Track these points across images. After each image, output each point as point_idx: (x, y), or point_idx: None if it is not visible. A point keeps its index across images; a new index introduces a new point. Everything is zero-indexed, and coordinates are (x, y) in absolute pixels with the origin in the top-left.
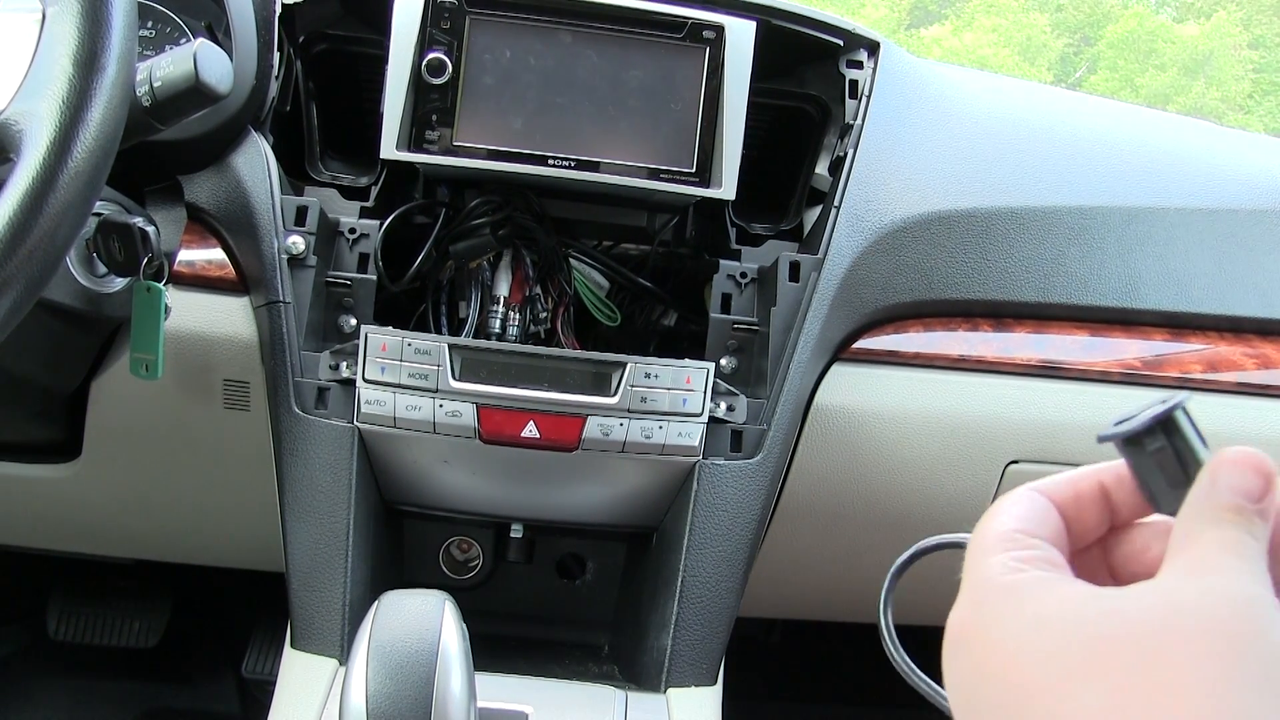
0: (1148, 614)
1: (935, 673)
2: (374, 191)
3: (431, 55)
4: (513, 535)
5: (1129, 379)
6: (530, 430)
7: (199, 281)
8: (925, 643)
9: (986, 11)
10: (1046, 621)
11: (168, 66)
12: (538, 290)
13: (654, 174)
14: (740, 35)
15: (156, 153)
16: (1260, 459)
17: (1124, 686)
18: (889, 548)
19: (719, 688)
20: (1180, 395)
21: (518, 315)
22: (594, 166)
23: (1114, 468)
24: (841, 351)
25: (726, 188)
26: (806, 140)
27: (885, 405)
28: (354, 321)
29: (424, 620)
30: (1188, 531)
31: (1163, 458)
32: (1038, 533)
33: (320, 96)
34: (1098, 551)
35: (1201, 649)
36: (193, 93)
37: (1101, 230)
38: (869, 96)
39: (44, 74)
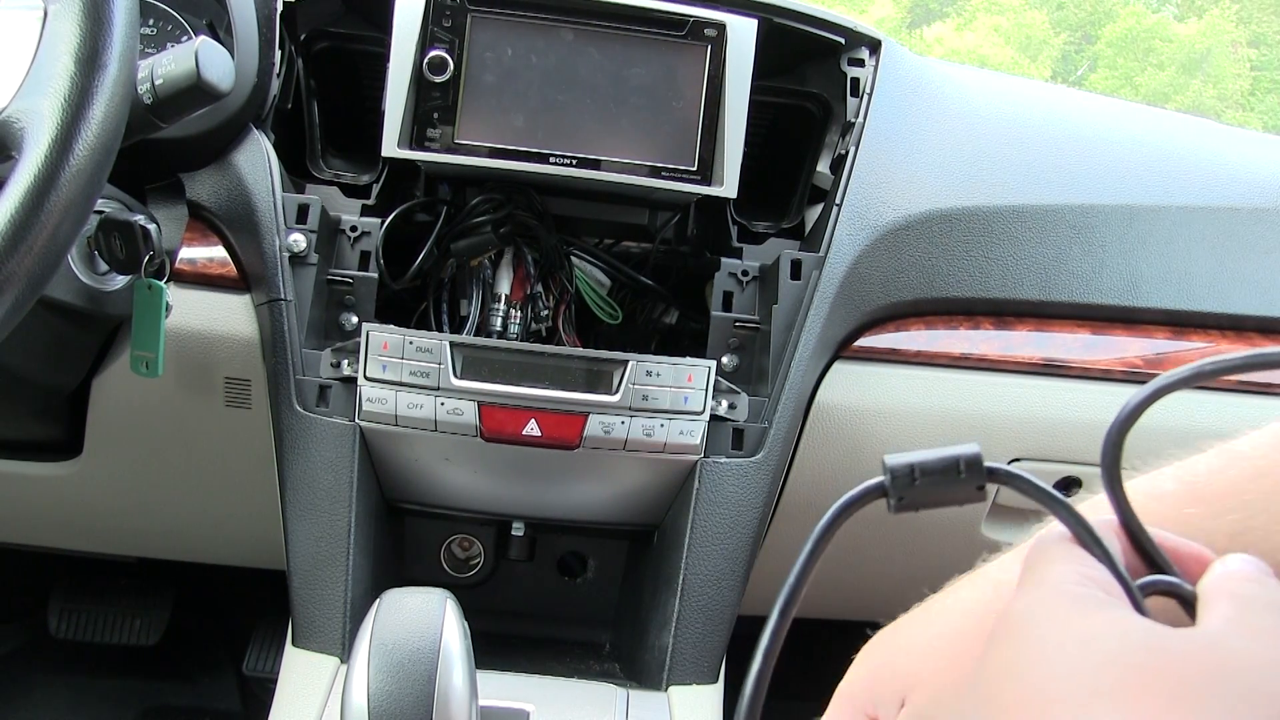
0: (1194, 659)
1: None
2: (375, 189)
3: (433, 53)
4: (514, 533)
5: (1131, 377)
6: (532, 428)
7: (200, 279)
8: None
9: (987, 9)
10: (1094, 638)
11: (169, 64)
12: (539, 288)
13: (655, 172)
14: (742, 33)
15: (158, 150)
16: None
17: (1149, 717)
18: (890, 546)
19: (720, 686)
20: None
21: (519, 313)
22: (595, 164)
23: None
24: (843, 349)
25: (728, 185)
26: (808, 138)
27: (887, 403)
28: (355, 319)
29: (425, 618)
30: (1228, 579)
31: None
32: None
33: (321, 94)
34: None
35: (1241, 709)
36: (194, 90)
37: (1103, 229)
38: (870, 94)
39: (45, 72)
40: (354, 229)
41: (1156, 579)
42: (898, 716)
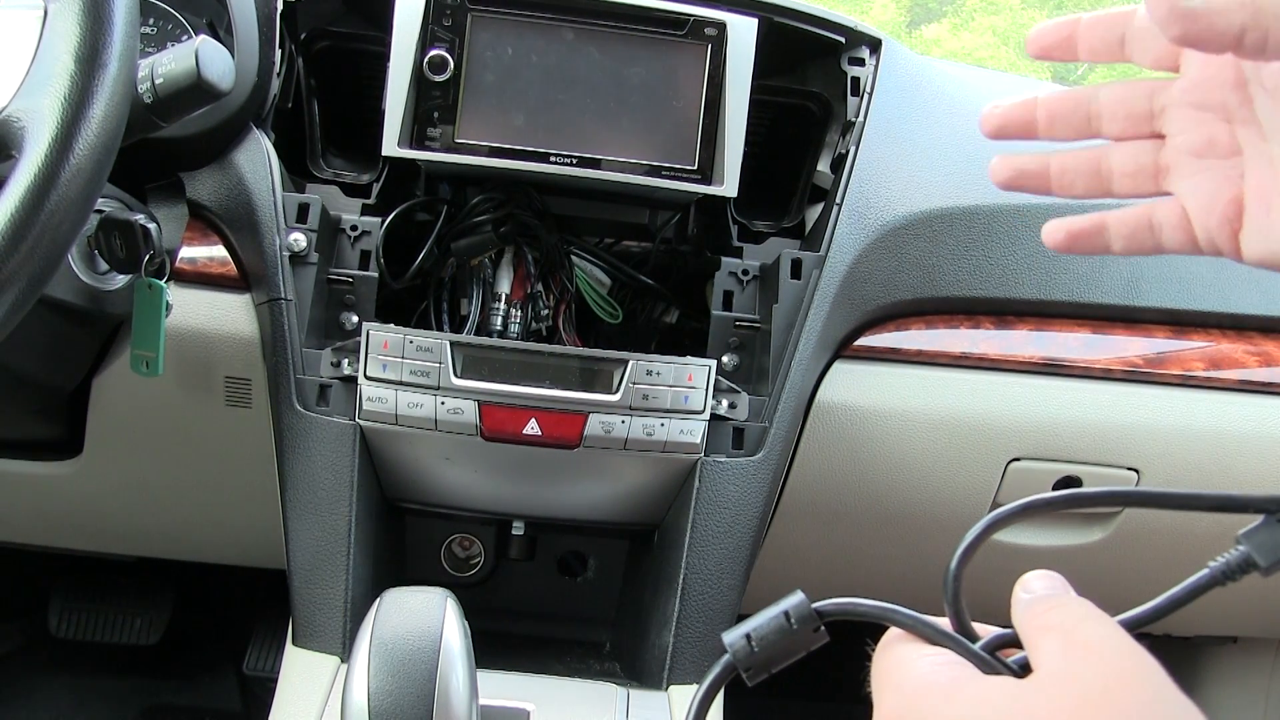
0: (1066, 703)
1: None
2: (375, 189)
3: (433, 52)
4: (514, 532)
5: (1131, 377)
6: (532, 427)
7: (200, 278)
8: None
9: (985, 10)
10: (982, 703)
11: (169, 63)
12: (539, 287)
13: (656, 171)
14: (742, 32)
15: (158, 150)
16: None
17: None
18: (890, 545)
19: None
20: None
21: (519, 312)
22: (596, 163)
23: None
24: (843, 349)
25: (728, 185)
26: (808, 137)
27: (887, 403)
28: (355, 319)
29: (426, 617)
30: (1034, 613)
31: None
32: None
33: (322, 94)
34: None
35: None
36: (195, 90)
37: None
38: (871, 94)
39: (46, 71)
40: (354, 228)
41: (987, 640)
42: None
